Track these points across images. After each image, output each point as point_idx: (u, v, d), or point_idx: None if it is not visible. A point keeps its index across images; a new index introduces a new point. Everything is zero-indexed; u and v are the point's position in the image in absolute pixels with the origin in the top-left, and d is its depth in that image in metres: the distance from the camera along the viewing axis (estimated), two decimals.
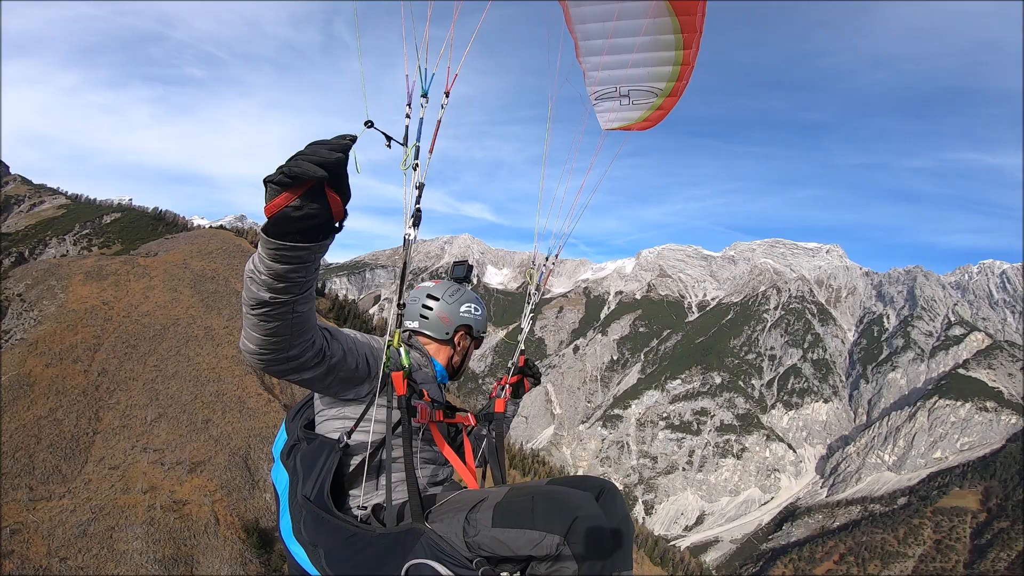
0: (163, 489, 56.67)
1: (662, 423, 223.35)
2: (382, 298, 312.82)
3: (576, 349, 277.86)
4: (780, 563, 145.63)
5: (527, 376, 3.29)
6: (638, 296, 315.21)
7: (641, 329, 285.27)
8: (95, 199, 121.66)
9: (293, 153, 1.55)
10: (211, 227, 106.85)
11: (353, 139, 1.61)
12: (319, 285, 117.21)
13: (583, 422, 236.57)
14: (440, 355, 2.79)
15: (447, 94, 2.29)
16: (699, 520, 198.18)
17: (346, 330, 2.25)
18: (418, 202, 2.15)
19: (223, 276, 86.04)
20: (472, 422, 2.72)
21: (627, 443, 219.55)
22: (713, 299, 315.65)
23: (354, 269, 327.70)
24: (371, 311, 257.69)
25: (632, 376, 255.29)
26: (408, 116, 2.15)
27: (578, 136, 3.38)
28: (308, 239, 1.59)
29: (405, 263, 2.20)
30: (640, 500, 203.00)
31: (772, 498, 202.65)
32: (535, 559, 1.99)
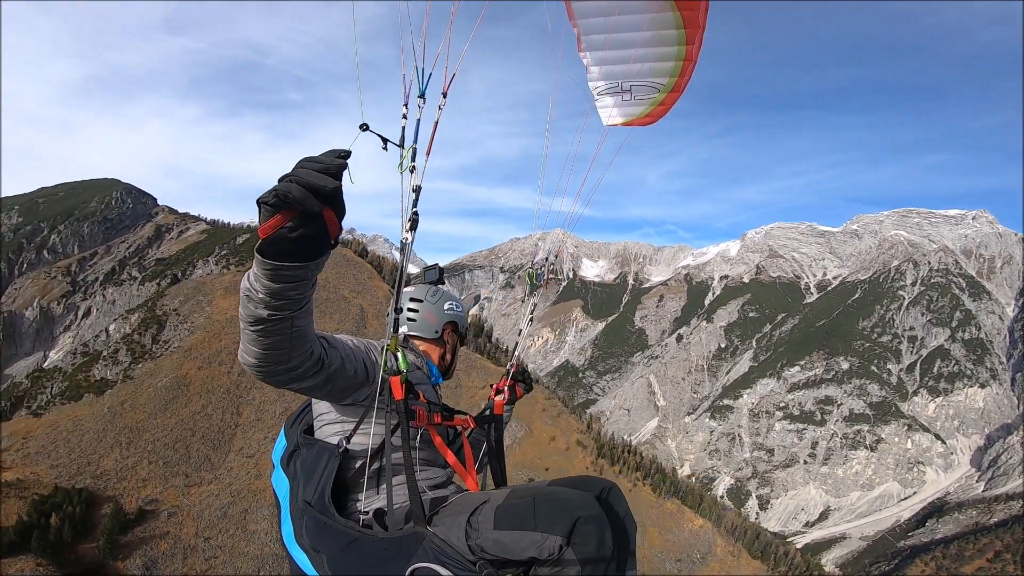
0: None
1: (779, 413, 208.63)
2: (481, 297, 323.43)
3: (679, 338, 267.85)
4: (920, 561, 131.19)
5: (520, 382, 3.34)
6: (746, 279, 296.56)
7: (751, 314, 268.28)
8: (229, 223, 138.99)
9: (285, 173, 1.52)
10: None
11: (347, 155, 1.58)
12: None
13: (689, 414, 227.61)
14: (433, 355, 2.88)
15: (444, 94, 2.29)
16: (823, 516, 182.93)
17: (342, 336, 2.28)
18: (415, 205, 2.14)
19: (332, 284, 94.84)
20: (471, 424, 2.76)
21: (739, 435, 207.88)
22: (835, 278, 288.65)
23: (453, 272, 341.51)
24: (472, 311, 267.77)
25: (743, 364, 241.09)
26: (405, 117, 2.15)
27: (579, 133, 3.39)
28: (304, 258, 1.58)
29: (402, 267, 2.21)
30: (754, 495, 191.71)
31: (914, 493, 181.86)
32: (538, 561, 1.97)
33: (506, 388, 3.24)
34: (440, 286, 3.00)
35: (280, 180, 1.50)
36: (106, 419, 67.81)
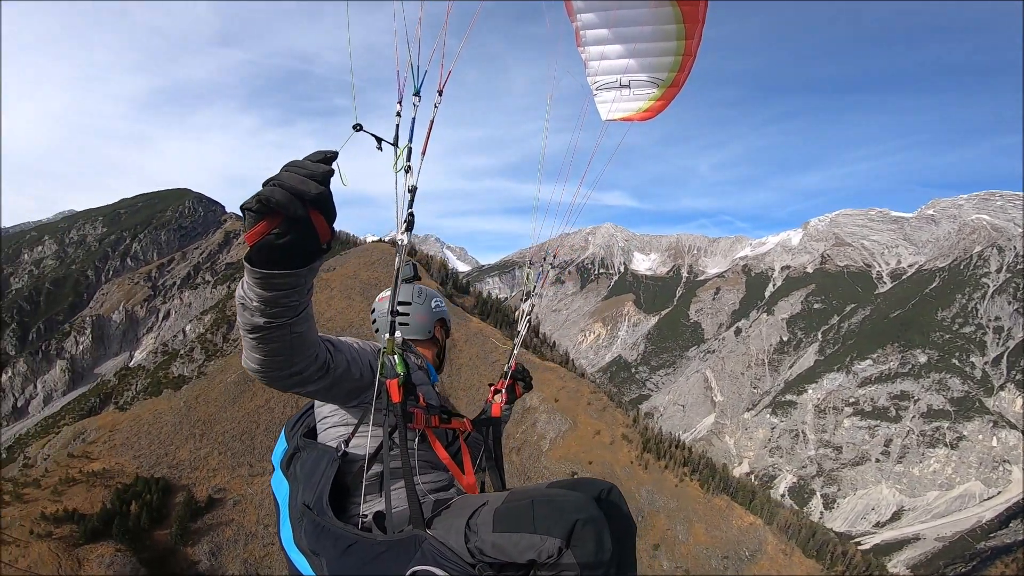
0: None
1: (848, 409, 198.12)
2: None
3: (738, 332, 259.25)
4: (1000, 562, 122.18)
5: (519, 381, 3.31)
6: (810, 269, 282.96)
7: (816, 305, 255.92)
8: None
9: (269, 177, 1.47)
10: (370, 241, 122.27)
11: (334, 157, 1.55)
12: (464, 283, 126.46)
13: (748, 409, 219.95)
14: (428, 355, 2.90)
15: (440, 92, 2.26)
16: (895, 516, 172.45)
17: (347, 339, 2.27)
18: (411, 206, 2.11)
19: (384, 283, 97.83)
20: (468, 427, 2.75)
21: (803, 432, 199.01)
22: (910, 266, 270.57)
23: (503, 269, 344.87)
24: (523, 307, 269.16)
25: (808, 358, 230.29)
26: (399, 115, 2.12)
27: (578, 130, 3.31)
28: (294, 264, 1.52)
29: (398, 268, 2.20)
30: (818, 493, 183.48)
31: (999, 492, 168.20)
32: (537, 564, 1.96)
33: (504, 389, 3.20)
34: (420, 284, 3.01)
35: (264, 184, 1.45)
36: (182, 412, 73.02)
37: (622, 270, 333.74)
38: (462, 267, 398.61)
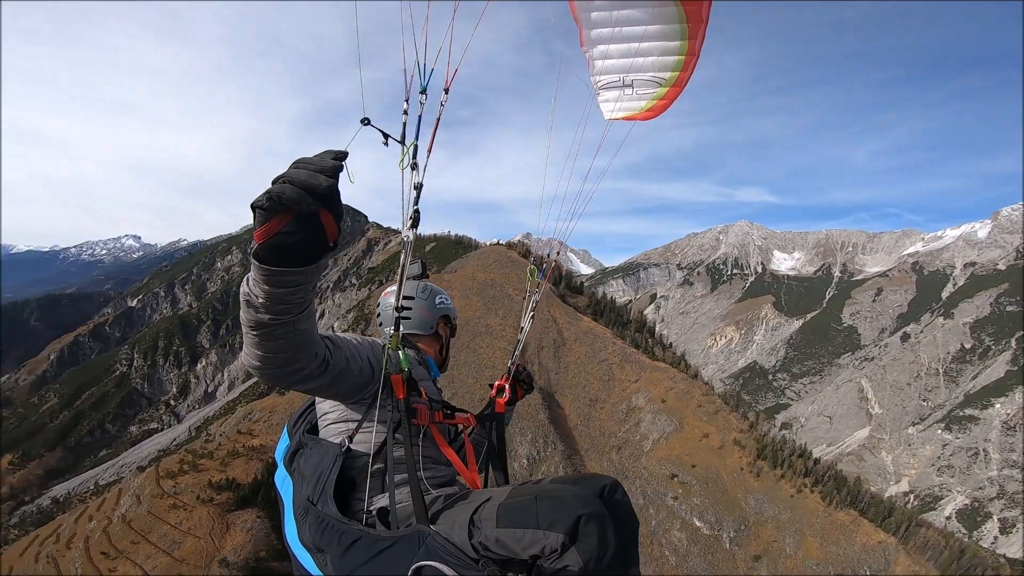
0: None
1: None
2: (657, 296, 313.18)
3: (905, 337, 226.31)
4: None
5: (520, 383, 3.21)
6: (1001, 266, 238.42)
7: (1010, 308, 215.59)
8: (421, 234, 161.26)
9: (278, 175, 1.48)
10: (489, 244, 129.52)
11: (344, 156, 1.55)
12: (577, 283, 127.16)
13: (914, 424, 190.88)
14: (430, 351, 2.89)
15: (446, 91, 2.26)
16: None
17: (347, 335, 2.25)
18: (416, 203, 2.11)
19: (499, 283, 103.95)
20: (472, 423, 2.74)
21: (984, 450, 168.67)
22: None
23: (628, 271, 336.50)
24: (646, 310, 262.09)
25: (997, 368, 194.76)
26: (405, 113, 2.11)
27: (583, 128, 3.27)
28: (302, 262, 1.55)
29: (403, 265, 2.20)
30: (995, 517, 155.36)
31: None
32: (541, 559, 1.91)
33: (507, 387, 3.12)
34: (427, 281, 3.01)
35: (273, 182, 1.46)
36: None
37: (759, 270, 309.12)
38: (585, 269, 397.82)
